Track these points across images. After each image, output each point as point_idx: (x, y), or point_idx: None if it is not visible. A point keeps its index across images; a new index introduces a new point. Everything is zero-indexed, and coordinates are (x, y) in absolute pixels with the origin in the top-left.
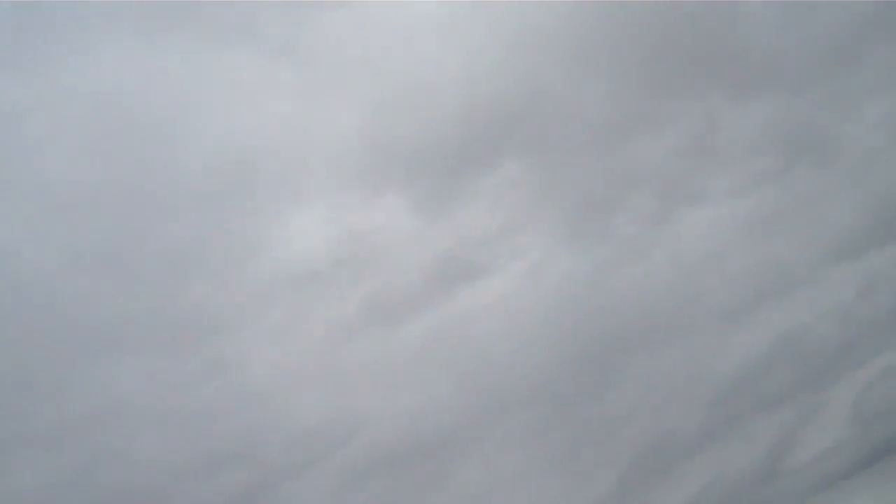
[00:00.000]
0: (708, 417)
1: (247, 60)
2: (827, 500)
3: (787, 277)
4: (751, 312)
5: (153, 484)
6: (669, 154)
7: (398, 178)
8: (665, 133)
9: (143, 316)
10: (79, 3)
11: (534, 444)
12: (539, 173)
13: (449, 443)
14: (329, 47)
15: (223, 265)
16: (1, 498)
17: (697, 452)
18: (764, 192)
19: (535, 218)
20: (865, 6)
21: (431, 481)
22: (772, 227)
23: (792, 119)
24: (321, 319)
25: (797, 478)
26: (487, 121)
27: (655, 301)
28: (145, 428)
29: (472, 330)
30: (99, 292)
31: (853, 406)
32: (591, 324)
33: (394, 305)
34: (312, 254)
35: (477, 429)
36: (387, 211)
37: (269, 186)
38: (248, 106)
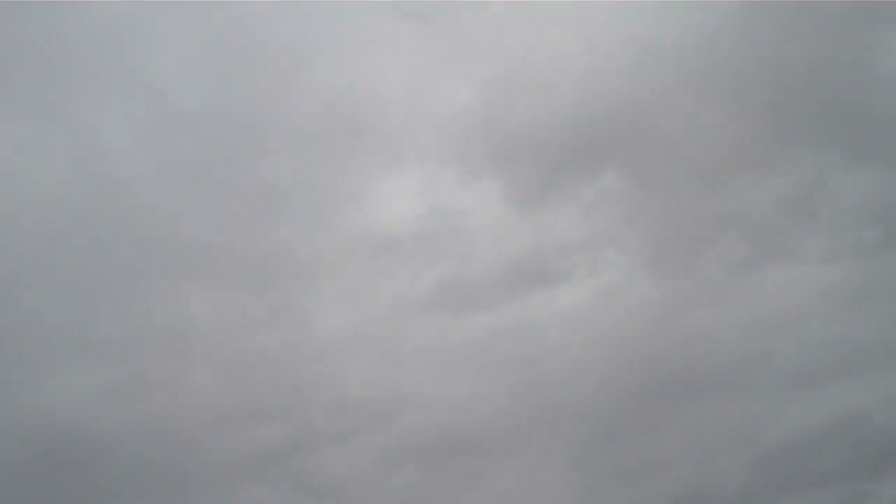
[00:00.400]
0: (750, 481)
1: (380, 15)
2: None
3: (860, 356)
4: (816, 384)
5: (194, 419)
6: (771, 203)
7: (499, 164)
8: (771, 181)
9: (223, 246)
10: None
11: (572, 466)
12: (638, 193)
13: (488, 444)
14: (461, 19)
15: (311, 214)
16: (47, 399)
17: None
18: (857, 263)
19: (624, 237)
20: None
21: (463, 479)
22: (857, 301)
23: None
24: (391, 291)
25: None
26: (600, 128)
27: (724, 349)
28: (200, 361)
29: (535, 336)
30: (187, 213)
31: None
32: (656, 358)
33: (465, 293)
34: (398, 222)
35: (519, 437)
36: (480, 195)
37: (372, 145)
38: (370, 60)
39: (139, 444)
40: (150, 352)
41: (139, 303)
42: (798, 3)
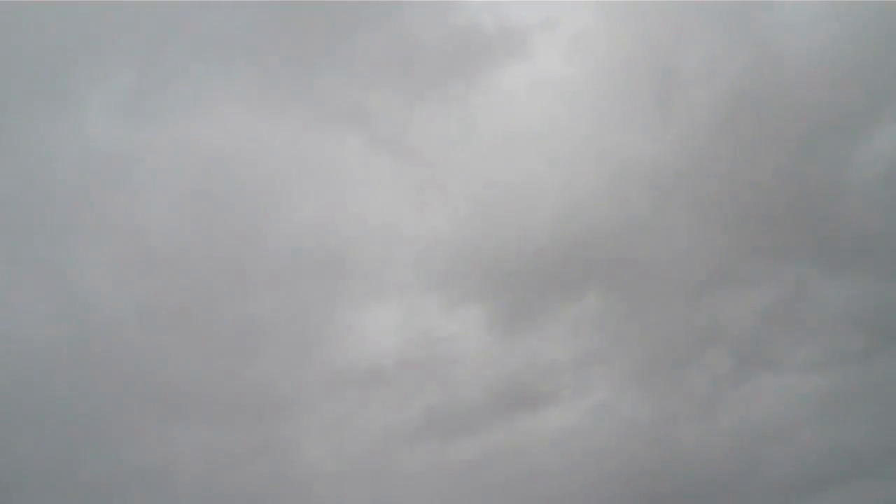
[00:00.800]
0: None
1: (353, 146)
2: None
3: (852, 463)
4: (809, 492)
5: None
6: (752, 316)
7: (480, 291)
8: (751, 294)
9: (208, 383)
10: (205, 61)
11: None
12: (619, 313)
13: None
14: (434, 148)
15: (294, 347)
16: None
17: None
18: (842, 370)
19: (608, 357)
20: None
21: None
22: (845, 408)
23: (880, 302)
24: (378, 420)
25: None
26: (579, 250)
27: (715, 462)
28: (187, 498)
29: (525, 458)
30: (170, 352)
31: None
32: (647, 474)
33: (452, 419)
34: (382, 352)
35: None
36: (462, 322)
37: (351, 277)
38: (345, 192)
39: None
40: (136, 491)
41: (123, 443)
42: (765, 118)
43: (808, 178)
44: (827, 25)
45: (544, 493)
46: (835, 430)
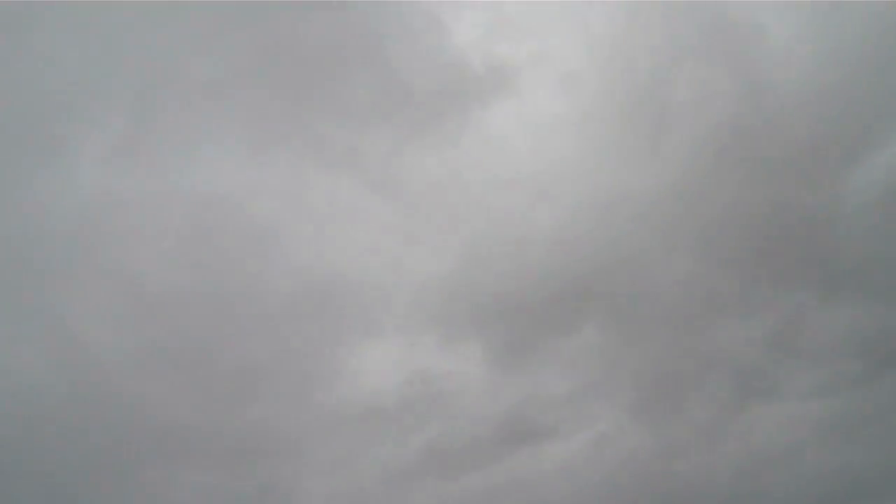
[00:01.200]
0: None
1: (346, 188)
2: None
3: (855, 487)
4: None
5: None
6: (751, 343)
7: (478, 326)
8: (749, 322)
9: (203, 427)
10: (196, 106)
11: None
12: (617, 344)
13: None
14: (426, 187)
15: (293, 388)
16: None
17: None
18: (843, 395)
19: (608, 388)
20: None
21: None
22: (847, 432)
23: (878, 327)
24: (379, 459)
25: None
26: (574, 284)
27: (719, 491)
28: None
29: (527, 492)
30: (167, 396)
31: None
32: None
33: (454, 456)
34: (380, 391)
35: None
36: (460, 358)
37: (348, 317)
38: (339, 232)
39: None
40: None
41: (123, 490)
42: (758, 147)
43: (803, 205)
44: (816, 54)
45: None
46: (837, 455)
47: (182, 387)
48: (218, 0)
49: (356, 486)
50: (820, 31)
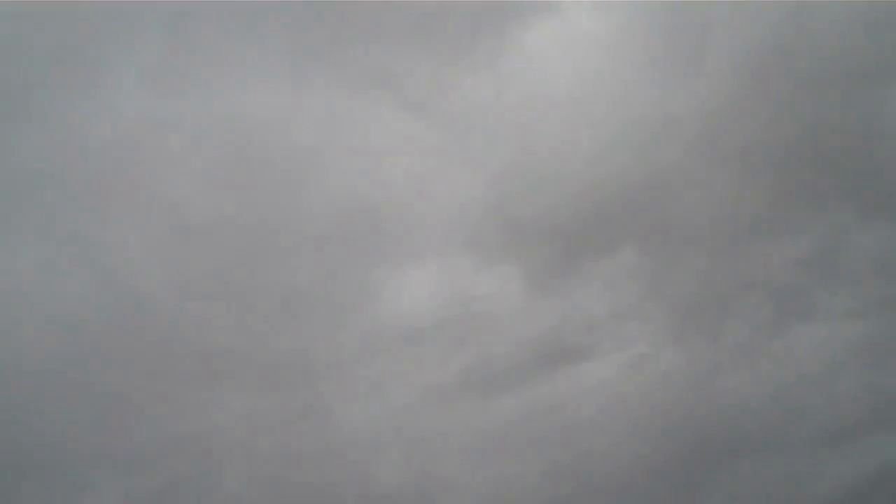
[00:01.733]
0: None
1: (383, 112)
2: None
3: (893, 409)
4: (852, 438)
5: None
6: (790, 264)
7: (514, 249)
8: (789, 242)
9: (245, 350)
10: (233, 29)
11: None
12: (655, 265)
13: None
14: (466, 110)
15: (330, 311)
16: None
17: None
18: (881, 317)
19: (645, 310)
20: None
21: None
22: (885, 354)
23: None
24: (417, 381)
25: None
26: (613, 204)
27: (756, 413)
28: (230, 465)
29: (565, 414)
30: (207, 321)
31: None
32: (689, 427)
33: (491, 377)
34: (419, 313)
35: None
36: (498, 280)
37: (386, 240)
38: (377, 156)
39: None
40: (180, 459)
41: (166, 412)
42: (799, 67)
43: (844, 125)
44: None
45: (583, 447)
46: (875, 376)
47: (223, 311)
48: None
49: (394, 408)
50: None
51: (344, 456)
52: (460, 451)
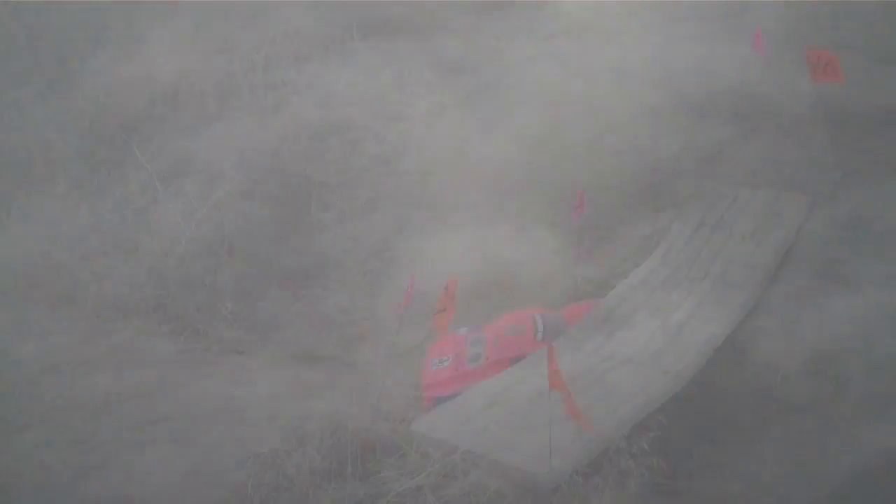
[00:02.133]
0: None
1: (425, 74)
2: None
3: None
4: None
5: None
6: (828, 231)
7: (551, 215)
8: (827, 209)
9: (280, 318)
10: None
11: None
12: (692, 233)
13: None
14: (505, 75)
15: (366, 277)
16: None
17: None
18: None
19: (684, 276)
20: None
21: None
22: None
23: None
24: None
25: None
26: (649, 174)
27: (793, 379)
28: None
29: (601, 384)
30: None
31: None
32: (726, 392)
33: None
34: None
35: None
36: (534, 246)
37: (423, 205)
38: (414, 121)
39: None
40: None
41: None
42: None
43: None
44: None
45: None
46: None
47: (259, 277)
48: None
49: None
50: None
51: None
52: None
